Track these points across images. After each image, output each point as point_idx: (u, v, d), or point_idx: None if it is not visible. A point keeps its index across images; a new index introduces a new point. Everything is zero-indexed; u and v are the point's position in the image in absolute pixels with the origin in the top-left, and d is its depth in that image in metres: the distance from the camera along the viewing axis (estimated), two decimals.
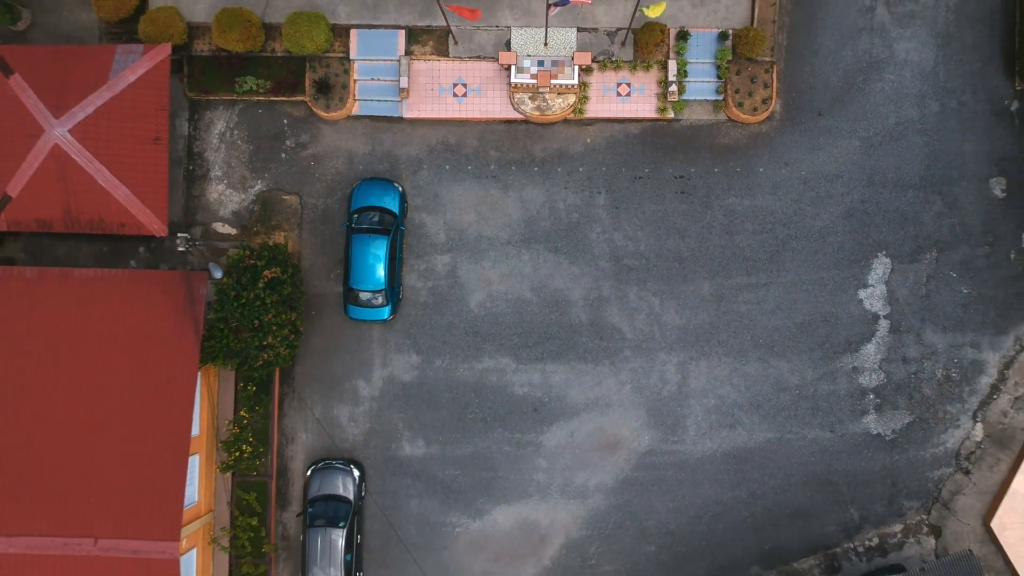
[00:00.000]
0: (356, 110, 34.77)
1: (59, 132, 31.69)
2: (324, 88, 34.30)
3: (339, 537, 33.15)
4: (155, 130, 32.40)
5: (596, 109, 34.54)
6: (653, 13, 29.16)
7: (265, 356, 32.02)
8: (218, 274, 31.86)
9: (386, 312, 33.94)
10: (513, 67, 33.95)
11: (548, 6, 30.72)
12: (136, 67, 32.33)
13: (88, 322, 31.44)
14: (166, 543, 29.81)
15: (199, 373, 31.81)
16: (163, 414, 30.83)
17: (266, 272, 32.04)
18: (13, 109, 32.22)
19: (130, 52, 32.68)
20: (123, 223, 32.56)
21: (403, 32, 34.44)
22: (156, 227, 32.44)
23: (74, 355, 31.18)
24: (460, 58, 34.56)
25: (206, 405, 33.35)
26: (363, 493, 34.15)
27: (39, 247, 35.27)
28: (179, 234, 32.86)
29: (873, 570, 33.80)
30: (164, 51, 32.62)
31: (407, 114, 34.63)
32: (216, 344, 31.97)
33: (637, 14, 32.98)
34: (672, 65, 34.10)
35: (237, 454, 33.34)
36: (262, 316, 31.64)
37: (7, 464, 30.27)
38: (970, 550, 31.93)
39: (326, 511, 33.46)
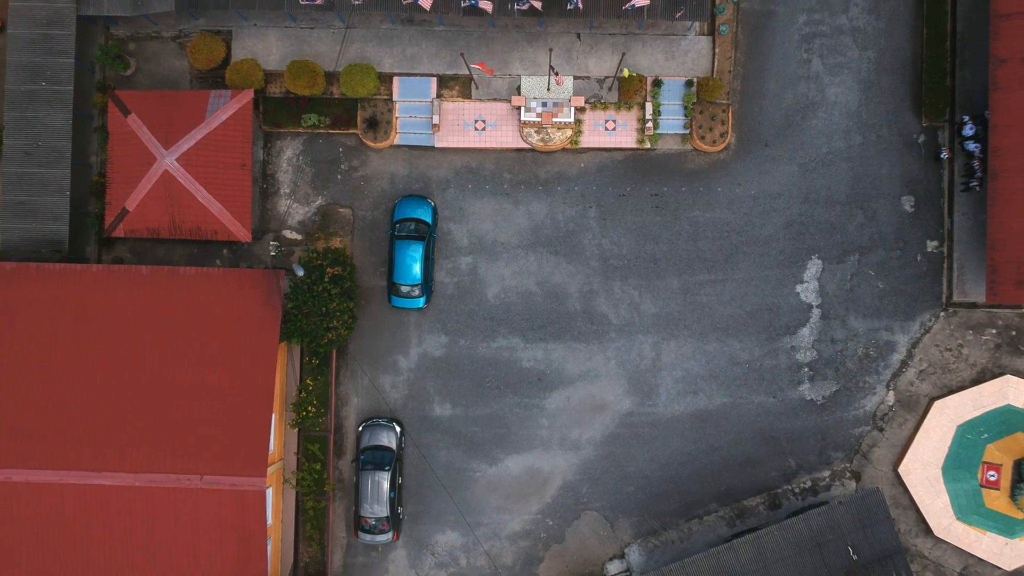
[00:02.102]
0: (397, 141, 43.63)
1: (168, 160, 40.58)
2: (372, 124, 43.17)
3: (384, 479, 42.02)
4: (241, 158, 41.28)
5: (588, 140, 43.41)
6: (625, 74, 38.18)
7: (329, 336, 40.95)
8: (300, 272, 40.70)
9: (421, 302, 42.86)
10: (522, 107, 42.80)
11: (550, 67, 39.57)
12: (227, 108, 41.18)
13: (192, 308, 40.29)
14: (255, 478, 38.71)
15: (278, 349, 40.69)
16: (251, 380, 39.72)
17: (330, 270, 40.96)
18: (131, 142, 41.13)
19: (221, 96, 41.52)
20: (216, 231, 41.47)
21: (435, 79, 43.31)
22: (242, 234, 41.35)
23: (182, 334, 40.02)
24: (480, 100, 43.42)
25: (280, 375, 42.22)
26: (403, 444, 43.08)
27: (142, 249, 44.09)
28: (271, 242, 41.78)
29: (806, 506, 42.74)
30: (248, 95, 41.46)
31: (438, 144, 43.49)
32: (291, 326, 40.90)
33: (618, 73, 41.88)
34: (649, 106, 42.96)
35: (304, 413, 42.17)
36: (328, 304, 40.60)
37: (134, 418, 39.12)
38: (877, 488, 40.97)
39: (374, 458, 42.34)
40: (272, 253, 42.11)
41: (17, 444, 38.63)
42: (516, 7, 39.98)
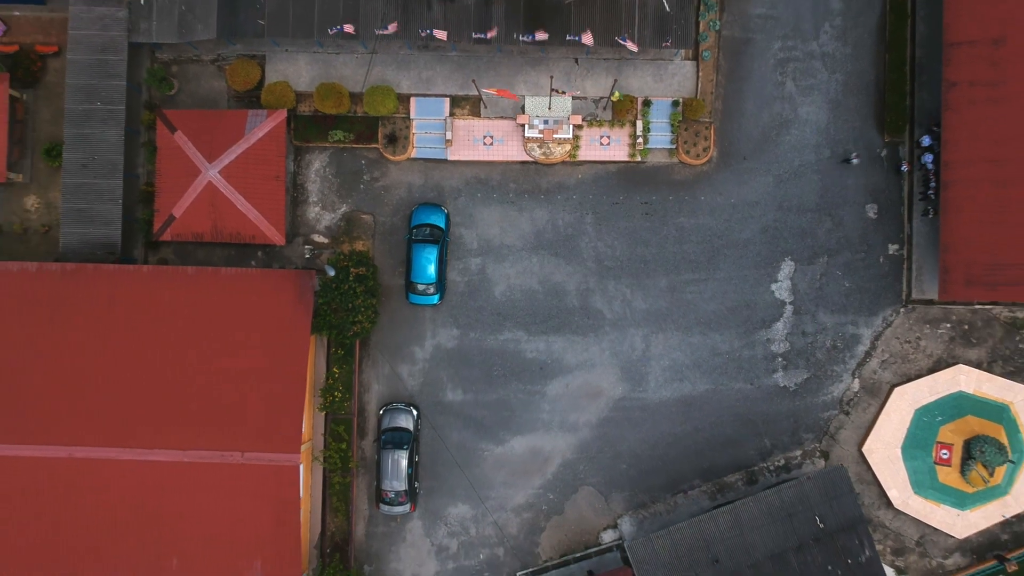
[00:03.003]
0: (414, 154, 48.65)
1: (212, 173, 45.63)
2: (392, 139, 48.21)
3: (403, 457, 47.07)
4: (276, 171, 46.28)
5: (585, 154, 48.44)
6: (616, 97, 43.26)
7: (354, 328, 46.00)
8: (331, 272, 45.70)
9: (436, 299, 47.89)
10: (526, 125, 47.83)
11: (551, 90, 44.58)
12: (263, 126, 46.21)
13: (233, 305, 45.31)
14: (290, 454, 43.74)
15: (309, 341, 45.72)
16: (286, 368, 44.75)
17: (354, 270, 46.00)
18: (178, 156, 46.18)
19: (258, 115, 46.54)
20: (253, 235, 46.49)
21: (448, 99, 48.34)
22: (277, 238, 46.38)
23: (224, 328, 45.04)
24: (488, 118, 48.45)
25: (311, 364, 47.25)
26: (419, 426, 48.12)
27: (184, 251, 49.11)
28: (305, 245, 46.88)
29: (779, 482, 47.77)
30: (282, 115, 46.47)
31: (450, 157, 48.52)
32: (321, 320, 45.94)
33: (611, 95, 46.95)
34: (639, 124, 47.99)
35: (331, 398, 47.18)
36: (353, 301, 45.65)
37: (183, 402, 44.16)
38: (842, 464, 46.07)
39: (393, 439, 47.40)
40: (306, 256, 47.22)
41: (82, 424, 43.69)
42: (521, 38, 45.02)
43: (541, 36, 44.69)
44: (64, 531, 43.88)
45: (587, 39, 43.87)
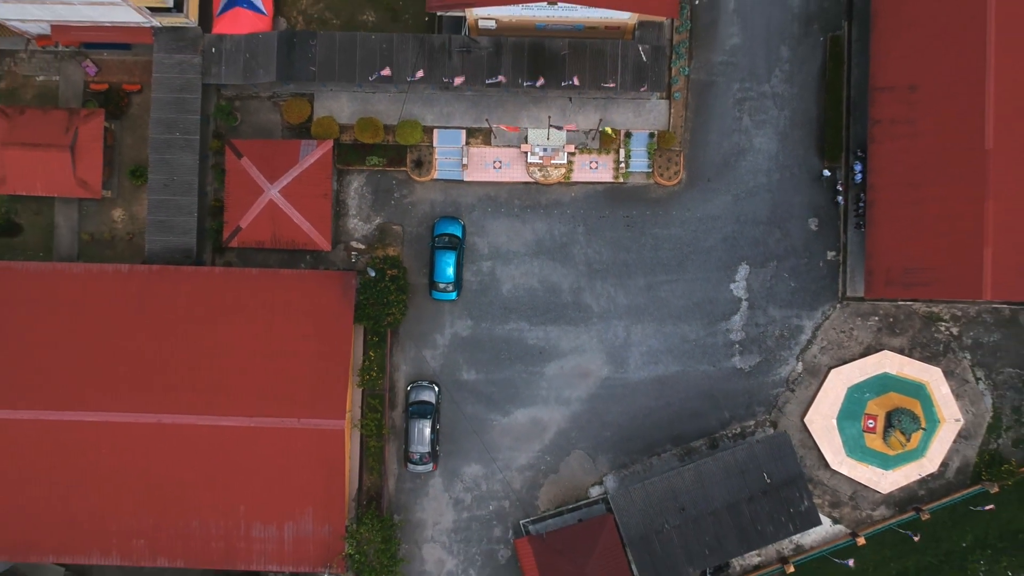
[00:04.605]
0: (436, 176, 58.88)
1: (272, 192, 55.89)
2: (418, 163, 58.53)
3: (426, 426, 57.24)
4: (324, 190, 56.50)
5: (578, 176, 58.68)
6: (603, 130, 53.63)
7: (388, 319, 56.25)
8: (373, 273, 55.93)
9: (454, 295, 58.14)
10: (528, 152, 58.10)
11: (549, 125, 54.95)
12: (313, 153, 56.44)
13: (289, 299, 55.48)
14: (337, 420, 53.96)
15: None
16: (333, 351, 54.96)
17: (388, 271, 56.25)
18: (244, 178, 56.40)
19: (309, 144, 56.77)
20: (305, 243, 56.72)
21: (464, 131, 58.63)
22: (324, 245, 56.61)
23: (282, 317, 55.19)
24: (497, 146, 58.75)
25: (351, 348, 57.45)
26: (440, 400, 58.35)
27: (245, 255, 59.29)
28: (352, 251, 57.24)
29: (735, 446, 58.00)
30: (329, 144, 56.71)
31: (466, 178, 58.75)
32: (360, 312, 56.13)
33: (599, 128, 57.30)
34: (622, 151, 58.28)
35: (367, 377, 57.30)
36: (387, 296, 55.90)
37: (249, 378, 54.31)
38: (785, 431, 56.45)
39: (419, 410, 57.60)
40: (352, 260, 57.59)
41: (168, 396, 53.96)
42: (524, 83, 55.35)
43: (541, 82, 55.02)
44: (156, 483, 54.12)
45: (577, 82, 54.27)
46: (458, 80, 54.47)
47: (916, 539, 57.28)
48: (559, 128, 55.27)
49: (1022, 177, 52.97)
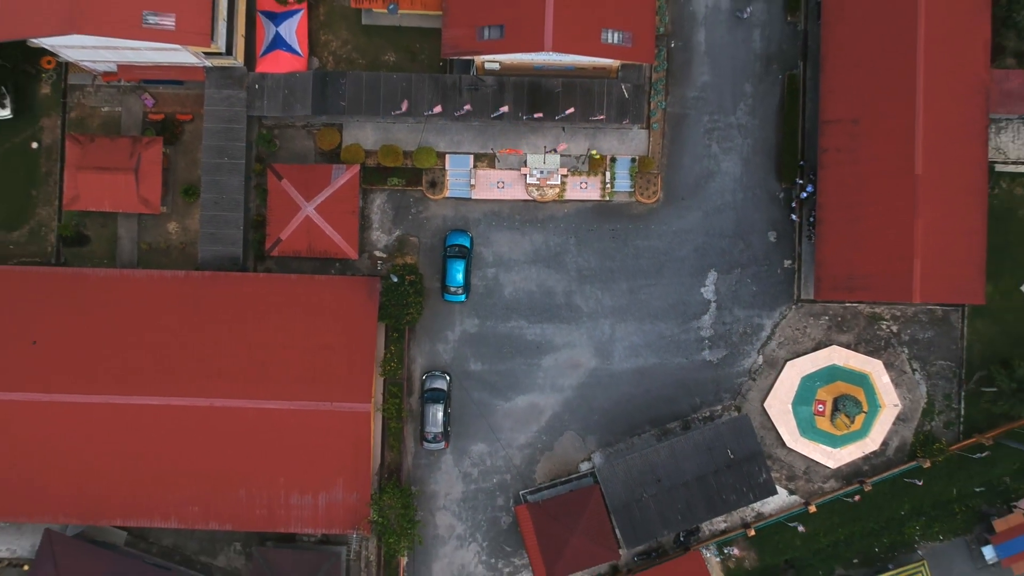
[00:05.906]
0: (448, 194, 68.27)
1: (309, 209, 65.29)
2: (432, 184, 67.95)
3: (439, 409, 66.55)
4: (352, 207, 65.84)
5: (570, 195, 68.07)
6: (595, 156, 63.11)
7: (407, 318, 65.62)
8: (396, 279, 65.33)
9: (463, 298, 67.53)
10: (527, 174, 67.52)
11: (545, 151, 64.42)
12: (343, 176, 65.80)
13: (323, 300, 64.77)
14: (364, 404, 63.23)
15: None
16: (360, 345, 64.23)
17: (407, 277, 65.66)
18: (283, 197, 65.76)
19: (339, 168, 66.14)
20: (336, 252, 66.03)
21: (472, 156, 68.04)
22: (352, 255, 65.97)
23: (316, 316, 64.42)
24: (500, 169, 68.17)
25: (375, 343, 66.76)
26: (451, 387, 67.64)
27: (282, 262, 68.61)
28: (379, 260, 66.66)
29: (703, 427, 67.35)
30: (356, 168, 66.07)
31: (474, 197, 68.14)
32: (383, 312, 65.42)
33: (588, 154, 66.79)
34: (608, 174, 67.70)
35: (389, 367, 66.59)
36: (407, 298, 65.30)
37: (289, 367, 63.57)
38: (747, 414, 65.90)
39: (432, 396, 66.91)
40: (376, 267, 67.05)
41: (219, 383, 63.27)
42: (524, 115, 64.84)
43: (538, 115, 64.51)
44: (209, 457, 63.42)
45: (569, 113, 63.86)
46: (466, 107, 63.87)
47: (857, 499, 66.52)
48: (554, 151, 64.66)
49: (946, 198, 62.56)
